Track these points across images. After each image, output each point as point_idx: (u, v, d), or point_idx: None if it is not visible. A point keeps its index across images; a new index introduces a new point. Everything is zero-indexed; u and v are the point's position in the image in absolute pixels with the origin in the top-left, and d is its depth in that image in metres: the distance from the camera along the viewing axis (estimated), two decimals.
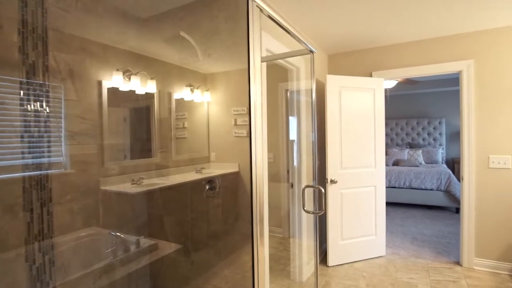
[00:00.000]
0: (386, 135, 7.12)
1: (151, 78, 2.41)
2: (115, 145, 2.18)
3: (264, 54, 2.04)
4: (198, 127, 2.97)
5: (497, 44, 2.75)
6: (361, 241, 3.06)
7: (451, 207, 5.01)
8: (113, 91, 2.10)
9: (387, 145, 7.05)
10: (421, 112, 6.94)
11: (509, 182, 2.72)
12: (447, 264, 2.93)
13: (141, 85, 2.32)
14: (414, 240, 3.64)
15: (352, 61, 3.43)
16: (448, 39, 2.95)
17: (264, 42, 2.07)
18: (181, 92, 2.75)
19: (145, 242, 2.13)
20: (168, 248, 2.17)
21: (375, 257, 3.13)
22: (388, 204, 5.43)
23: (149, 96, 2.45)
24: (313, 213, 2.27)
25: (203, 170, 2.89)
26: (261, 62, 1.91)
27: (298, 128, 2.86)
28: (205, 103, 3.00)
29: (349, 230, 3.00)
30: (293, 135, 3.33)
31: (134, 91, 2.28)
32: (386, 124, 7.10)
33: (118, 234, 2.00)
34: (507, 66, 2.72)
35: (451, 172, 4.96)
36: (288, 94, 3.54)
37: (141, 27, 2.31)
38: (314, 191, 2.06)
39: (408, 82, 5.50)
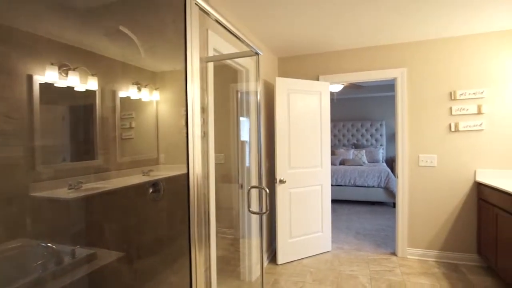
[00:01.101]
0: (334, 136, 7.53)
1: (92, 75, 2.23)
2: (50, 147, 1.98)
3: (212, 53, 2.02)
4: (147, 127, 2.84)
5: (427, 55, 3.07)
6: (309, 238, 3.19)
7: (389, 202, 5.46)
8: (47, 87, 1.90)
9: (335, 145, 7.45)
10: (365, 115, 7.47)
11: (435, 178, 3.04)
12: (384, 255, 3.18)
13: (81, 81, 2.14)
14: (357, 234, 3.89)
15: (301, 64, 3.56)
16: (387, 48, 3.22)
17: (212, 42, 2.05)
18: (127, 91, 2.60)
19: (82, 252, 1.96)
20: (109, 257, 2.03)
21: (322, 253, 3.29)
22: (335, 201, 5.74)
23: (90, 94, 2.27)
24: (258, 213, 2.30)
25: (151, 173, 2.76)
26: (207, 62, 1.89)
27: (249, 129, 2.89)
28: (154, 102, 2.88)
29: (297, 228, 3.11)
30: (244, 136, 3.35)
31: (73, 87, 2.09)
32: (334, 126, 7.51)
33: (49, 245, 1.81)
34: (434, 75, 3.04)
35: (389, 170, 5.42)
36: (239, 95, 3.55)
37: (80, 18, 2.13)
38: (259, 192, 2.10)
39: (353, 87, 5.87)
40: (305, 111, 3.17)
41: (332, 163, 6.24)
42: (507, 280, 2.32)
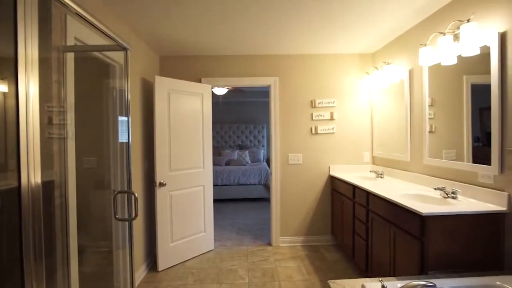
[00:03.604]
0: (221, 137, 7.77)
1: None
2: None
3: (73, 43, 1.77)
4: None
5: (295, 67, 3.53)
6: (192, 239, 3.18)
7: (269, 198, 6.00)
8: None
9: (221, 146, 7.69)
10: (249, 118, 8.00)
11: (301, 174, 3.53)
12: (261, 247, 3.49)
13: None
14: (239, 230, 4.12)
15: (183, 65, 3.52)
16: (263, 57, 3.54)
17: (73, 30, 1.79)
18: None
19: None
20: None
21: (205, 252, 3.33)
22: (220, 200, 5.93)
23: None
24: (125, 220, 2.16)
25: None
26: (65, 52, 1.65)
27: (124, 130, 2.66)
28: (1, 95, 2.29)
29: (179, 231, 3.05)
30: (123, 137, 3.07)
31: None
32: (221, 128, 7.74)
33: None
34: (299, 85, 3.53)
35: (268, 169, 5.97)
36: (115, 92, 3.23)
37: None
38: (129, 197, 1.97)
39: (237, 91, 6.20)
40: (187, 112, 3.15)
41: (218, 164, 6.42)
42: (349, 253, 2.91)
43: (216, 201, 5.89)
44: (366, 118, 3.55)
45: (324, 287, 2.54)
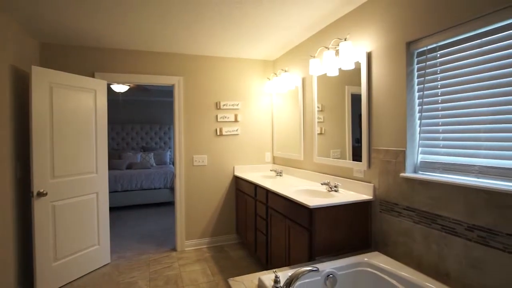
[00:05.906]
0: (122, 139, 7.11)
1: None
2: None
3: None
4: None
5: (200, 68, 3.50)
6: (82, 255, 2.80)
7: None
8: None
9: (122, 149, 7.04)
10: (154, 118, 7.55)
11: (206, 176, 3.53)
12: (165, 253, 3.33)
13: None
14: (141, 238, 3.84)
15: (72, 56, 3.08)
16: (168, 55, 3.39)
17: None
18: None
19: None
20: None
21: (100, 267, 2.98)
22: (121, 208, 5.42)
23: None
24: None
25: None
26: None
27: None
28: None
29: (65, 247, 2.65)
30: None
31: None
32: (122, 129, 7.09)
33: None
34: (205, 86, 3.52)
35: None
36: None
37: None
38: None
39: (141, 89, 5.78)
40: (76, 111, 2.76)
41: (118, 168, 5.86)
42: (252, 250, 3.05)
43: (115, 208, 5.36)
44: (268, 120, 3.80)
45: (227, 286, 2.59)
